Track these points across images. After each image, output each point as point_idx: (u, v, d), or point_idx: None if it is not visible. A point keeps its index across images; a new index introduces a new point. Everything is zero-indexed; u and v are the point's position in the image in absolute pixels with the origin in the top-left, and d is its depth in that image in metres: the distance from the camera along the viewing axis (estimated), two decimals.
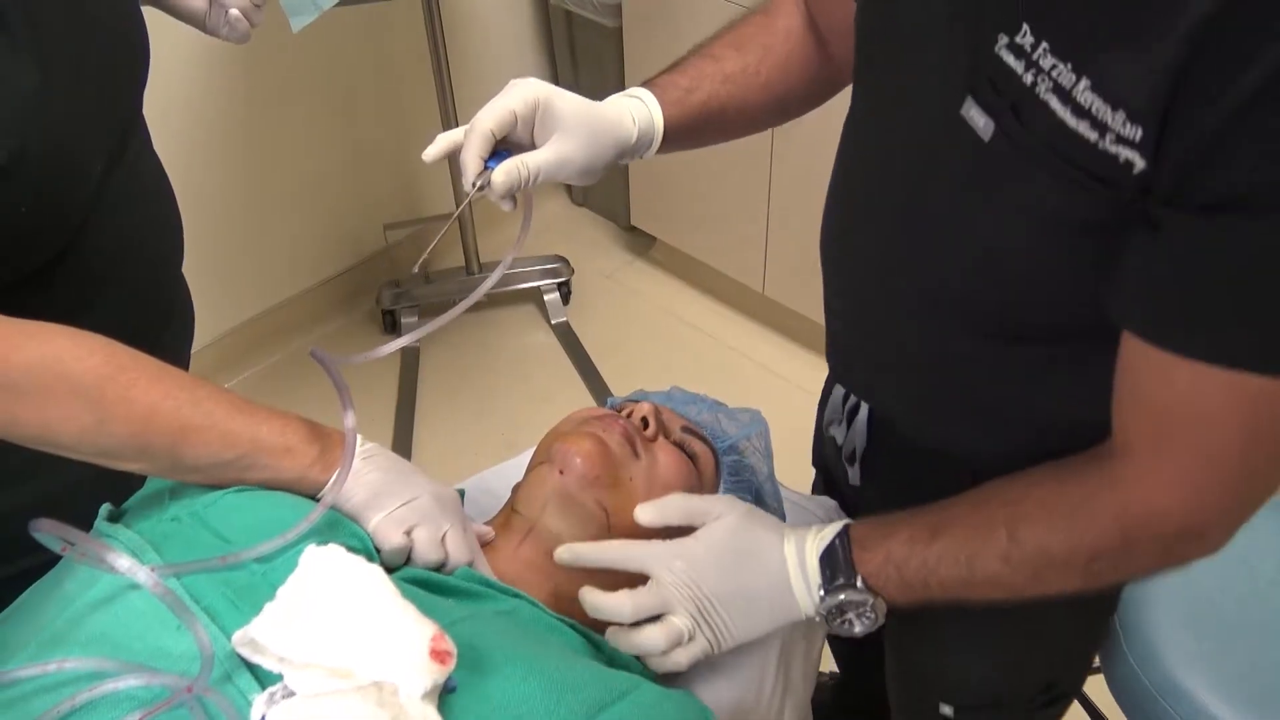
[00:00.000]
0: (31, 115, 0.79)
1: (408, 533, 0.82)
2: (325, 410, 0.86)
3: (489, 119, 0.81)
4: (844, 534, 0.80)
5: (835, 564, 0.79)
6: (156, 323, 1.02)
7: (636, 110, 0.88)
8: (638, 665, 0.85)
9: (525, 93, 0.82)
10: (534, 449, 1.01)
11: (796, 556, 0.80)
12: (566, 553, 0.84)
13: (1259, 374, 0.62)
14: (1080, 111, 0.60)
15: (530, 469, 0.95)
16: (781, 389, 2.34)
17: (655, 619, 0.81)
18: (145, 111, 1.00)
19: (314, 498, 0.82)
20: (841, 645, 1.50)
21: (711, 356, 2.47)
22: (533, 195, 0.88)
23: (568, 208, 2.94)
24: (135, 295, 0.97)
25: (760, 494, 1.01)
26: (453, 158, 0.85)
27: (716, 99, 0.91)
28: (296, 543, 0.76)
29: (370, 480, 0.83)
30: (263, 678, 0.69)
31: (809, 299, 2.33)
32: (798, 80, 0.95)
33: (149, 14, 1.00)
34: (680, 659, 0.81)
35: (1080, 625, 1.06)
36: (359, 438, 0.86)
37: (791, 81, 0.95)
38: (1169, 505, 0.70)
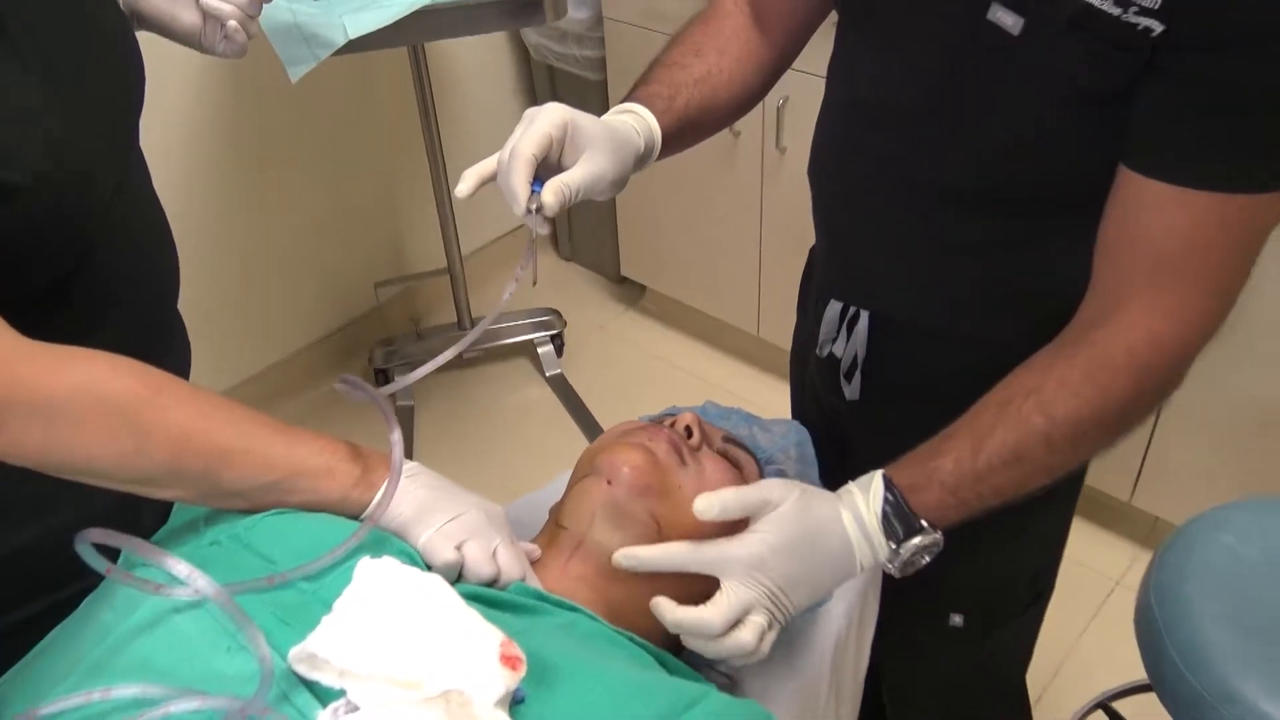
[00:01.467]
0: (51, 136, 0.78)
1: (458, 548, 0.79)
2: None
3: (530, 144, 0.82)
4: (890, 485, 0.81)
5: (895, 519, 0.80)
6: (158, 350, 1.00)
7: (637, 124, 0.92)
8: (698, 675, 0.82)
9: (554, 116, 0.84)
10: (561, 479, 0.99)
11: (856, 526, 0.80)
12: (625, 558, 0.81)
13: (1240, 193, 0.74)
14: None
15: (572, 485, 0.92)
16: None
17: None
18: None
19: (357, 519, 0.80)
20: None
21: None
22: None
23: (556, 262, 2.94)
24: (138, 321, 0.95)
25: None
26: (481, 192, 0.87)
27: (694, 102, 0.99)
28: (345, 560, 0.73)
29: (417, 496, 0.80)
30: (322, 695, 0.65)
31: None
32: (752, 72, 1.04)
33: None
34: (764, 649, 0.79)
35: (1052, 514, 1.14)
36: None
37: (748, 74, 1.04)
38: (1164, 333, 0.79)
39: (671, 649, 0.86)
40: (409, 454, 2.45)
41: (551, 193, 0.81)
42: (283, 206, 2.35)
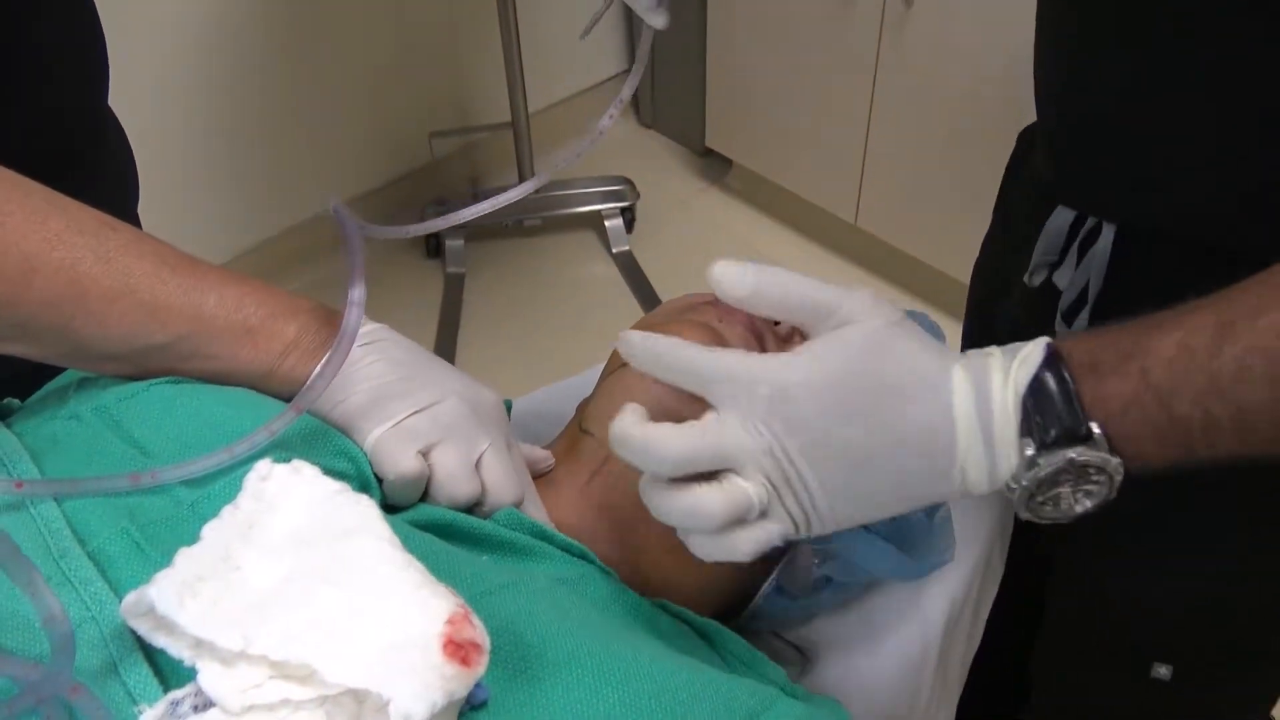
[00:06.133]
0: None
1: (425, 453, 0.54)
2: None
3: None
4: (1055, 357, 0.47)
5: (1048, 403, 0.46)
6: (75, 154, 0.76)
7: None
8: (761, 663, 0.57)
9: None
10: (607, 360, 0.73)
11: (973, 404, 0.47)
12: (623, 340, 0.51)
13: None
14: None
15: (607, 375, 0.67)
16: None
17: (711, 476, 0.48)
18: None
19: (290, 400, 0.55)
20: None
21: None
22: None
23: (634, 129, 2.67)
24: (50, 101, 0.72)
25: None
26: None
27: None
28: (249, 459, 0.49)
29: (374, 374, 0.56)
30: (168, 672, 0.42)
31: (909, 232, 2.06)
32: None
33: None
34: (743, 545, 0.48)
35: None
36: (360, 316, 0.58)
37: None
38: None
39: (720, 615, 0.61)
40: (453, 326, 2.23)
41: None
42: (334, 43, 2.10)
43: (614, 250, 2.30)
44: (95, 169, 0.80)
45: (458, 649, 0.39)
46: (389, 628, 0.40)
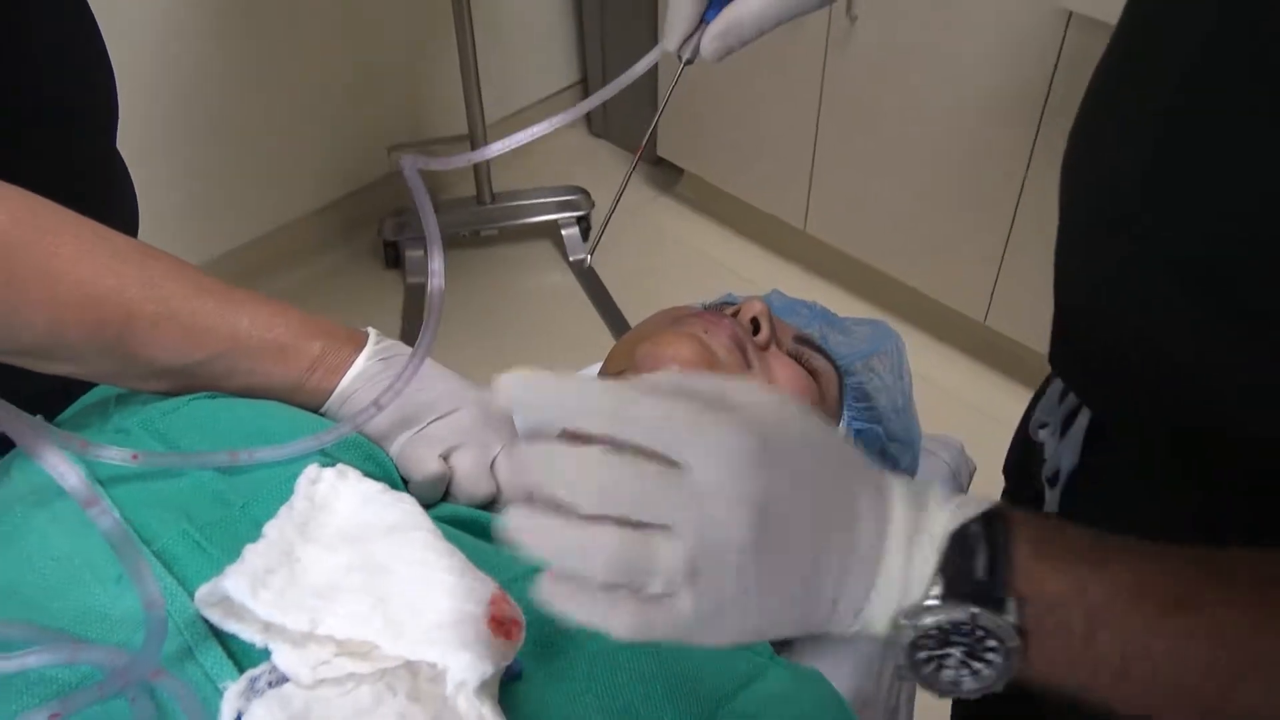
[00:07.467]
0: None
1: (446, 456, 0.60)
2: None
3: None
4: (1002, 516, 0.41)
5: (970, 555, 0.40)
6: (86, 188, 0.80)
7: None
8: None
9: None
10: (592, 370, 0.80)
11: (907, 522, 0.41)
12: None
13: None
14: None
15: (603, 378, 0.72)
16: None
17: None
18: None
19: (315, 411, 0.61)
20: None
21: None
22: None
23: (585, 138, 2.72)
24: (59, 142, 0.76)
25: (889, 429, 0.79)
26: None
27: None
28: (295, 461, 0.54)
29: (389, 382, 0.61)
30: (239, 654, 0.47)
31: (858, 237, 2.12)
32: None
33: None
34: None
35: None
36: (373, 334, 0.64)
37: None
38: None
39: None
40: (415, 336, 2.26)
41: (718, 37, 0.64)
42: (293, 58, 2.13)
43: (571, 259, 2.35)
44: (102, 212, 0.84)
45: (501, 624, 0.45)
46: (440, 608, 0.45)
